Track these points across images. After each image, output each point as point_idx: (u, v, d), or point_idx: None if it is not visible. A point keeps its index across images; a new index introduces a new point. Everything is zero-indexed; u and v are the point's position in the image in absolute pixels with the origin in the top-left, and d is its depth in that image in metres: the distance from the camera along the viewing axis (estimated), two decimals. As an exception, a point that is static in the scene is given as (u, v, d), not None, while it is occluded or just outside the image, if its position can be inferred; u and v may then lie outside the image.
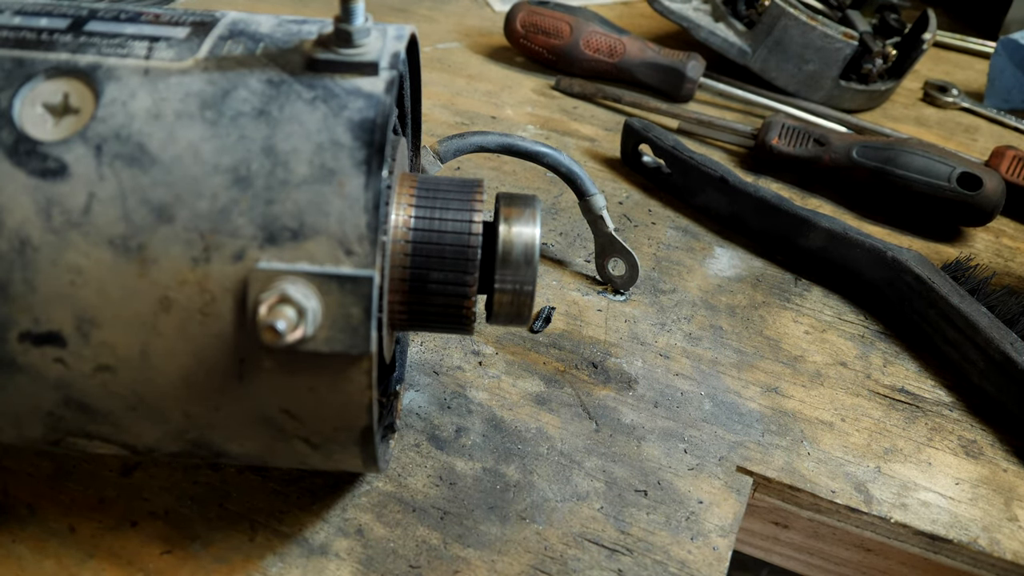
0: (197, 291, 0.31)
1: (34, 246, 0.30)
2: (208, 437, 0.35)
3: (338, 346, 0.31)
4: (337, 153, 0.31)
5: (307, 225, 0.31)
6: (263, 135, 0.31)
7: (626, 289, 0.58)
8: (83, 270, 0.30)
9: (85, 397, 0.33)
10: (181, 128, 0.31)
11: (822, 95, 0.86)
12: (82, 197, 0.30)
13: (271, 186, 0.31)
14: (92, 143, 0.31)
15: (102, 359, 0.32)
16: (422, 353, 0.52)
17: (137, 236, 0.30)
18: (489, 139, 0.54)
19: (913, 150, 0.68)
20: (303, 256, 0.30)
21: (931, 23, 0.87)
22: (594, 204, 0.56)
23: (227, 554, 0.40)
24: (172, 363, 0.32)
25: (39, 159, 0.31)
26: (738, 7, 0.87)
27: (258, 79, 0.32)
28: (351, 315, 0.30)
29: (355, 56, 0.33)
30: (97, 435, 0.35)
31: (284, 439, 0.34)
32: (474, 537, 0.41)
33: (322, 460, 0.36)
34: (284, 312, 0.29)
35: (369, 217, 0.31)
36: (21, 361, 0.32)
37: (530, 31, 0.87)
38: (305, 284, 0.30)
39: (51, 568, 0.39)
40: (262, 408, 0.33)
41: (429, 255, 0.36)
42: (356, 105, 0.32)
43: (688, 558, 0.41)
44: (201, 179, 0.31)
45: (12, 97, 0.31)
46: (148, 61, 0.32)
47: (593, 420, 0.48)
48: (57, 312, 0.31)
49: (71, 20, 0.34)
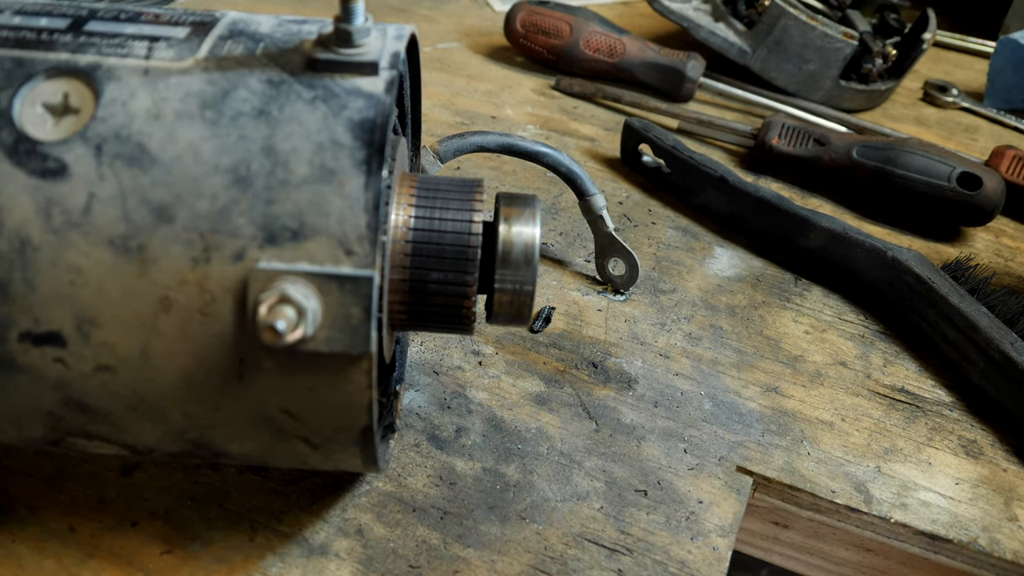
0: (197, 291, 0.31)
1: (34, 246, 0.30)
2: (208, 437, 0.35)
3: (338, 346, 0.31)
4: (337, 153, 0.31)
5: (307, 225, 0.30)
6: (263, 135, 0.31)
7: (626, 289, 0.58)
8: (83, 270, 0.30)
9: (85, 397, 0.33)
10: (181, 128, 0.31)
11: (822, 95, 0.86)
12: (82, 197, 0.30)
13: (271, 186, 0.31)
14: (92, 143, 0.31)
15: (102, 359, 0.32)
16: (422, 353, 0.52)
17: (137, 236, 0.30)
18: (489, 139, 0.54)
19: (913, 150, 0.68)
20: (303, 256, 0.30)
21: (931, 23, 0.87)
22: (594, 204, 0.56)
23: (227, 554, 0.40)
24: (172, 363, 0.32)
25: (39, 159, 0.30)
26: (738, 7, 0.87)
27: (258, 79, 0.32)
28: (351, 315, 0.30)
29: (355, 56, 0.33)
30: (97, 435, 0.35)
31: (284, 439, 0.34)
32: (474, 537, 0.41)
33: (322, 460, 0.36)
34: (284, 312, 0.29)
35: (369, 217, 0.31)
36: (21, 361, 0.32)
37: (530, 31, 0.88)
38: (305, 284, 0.30)
39: (51, 568, 0.39)
40: (262, 408, 0.33)
41: (429, 255, 0.36)
42: (356, 105, 0.32)
43: (688, 558, 0.41)
44: (201, 179, 0.31)
45: (12, 97, 0.31)
46: (148, 61, 0.32)
47: (593, 420, 0.48)
48: (57, 312, 0.31)
49: (71, 20, 0.34)
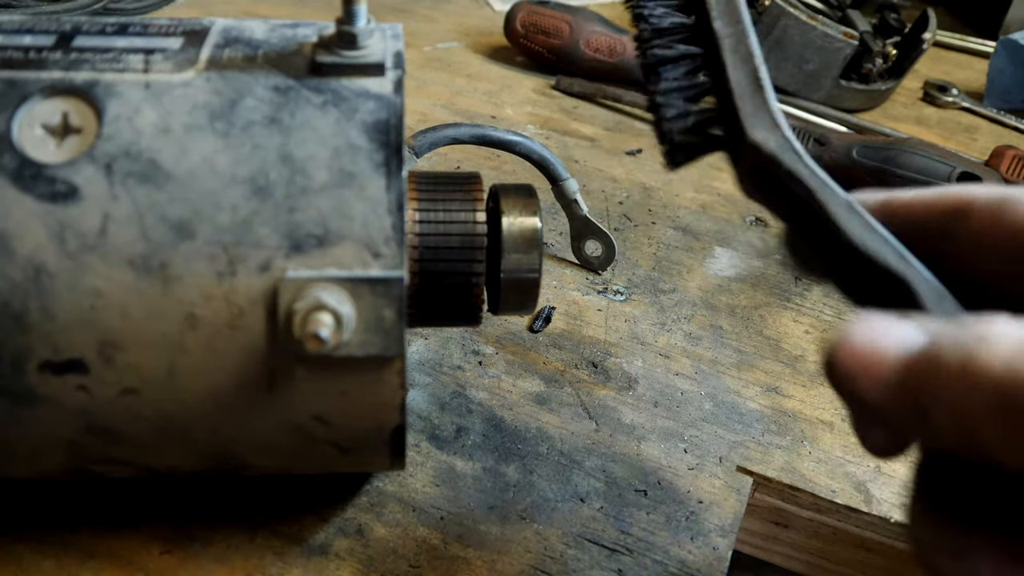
0: (224, 305, 0.30)
1: (50, 273, 0.29)
2: (234, 451, 0.34)
3: (372, 349, 0.31)
4: (355, 156, 0.31)
5: (332, 231, 0.30)
6: (277, 143, 0.31)
7: (604, 269, 0.59)
8: (103, 293, 0.30)
9: (109, 422, 0.32)
10: (192, 141, 0.30)
11: (822, 95, 0.85)
12: (96, 219, 0.30)
13: (291, 194, 0.30)
14: (101, 162, 0.30)
15: (127, 382, 0.31)
16: (422, 353, 0.51)
17: (158, 254, 0.30)
18: (462, 131, 0.55)
19: (913, 150, 0.68)
20: (331, 262, 0.30)
21: (931, 23, 0.87)
22: (567, 189, 0.57)
23: (227, 554, 0.39)
24: (200, 380, 0.31)
25: (46, 183, 0.29)
26: None
27: (264, 86, 0.32)
28: (384, 317, 0.31)
29: (360, 58, 0.32)
30: (119, 460, 0.34)
31: (313, 446, 0.34)
32: (474, 537, 0.41)
33: (350, 463, 0.36)
34: (322, 319, 0.29)
35: (394, 218, 0.31)
36: (41, 392, 0.31)
37: (530, 31, 0.86)
38: (337, 290, 0.30)
39: (51, 568, 0.38)
40: (293, 417, 0.33)
41: (437, 248, 0.36)
42: (367, 107, 0.32)
43: (688, 558, 0.42)
44: (219, 192, 0.30)
45: (9, 120, 0.30)
46: (147, 75, 0.32)
47: (593, 420, 0.48)
48: (78, 338, 0.30)
49: (56, 36, 0.33)
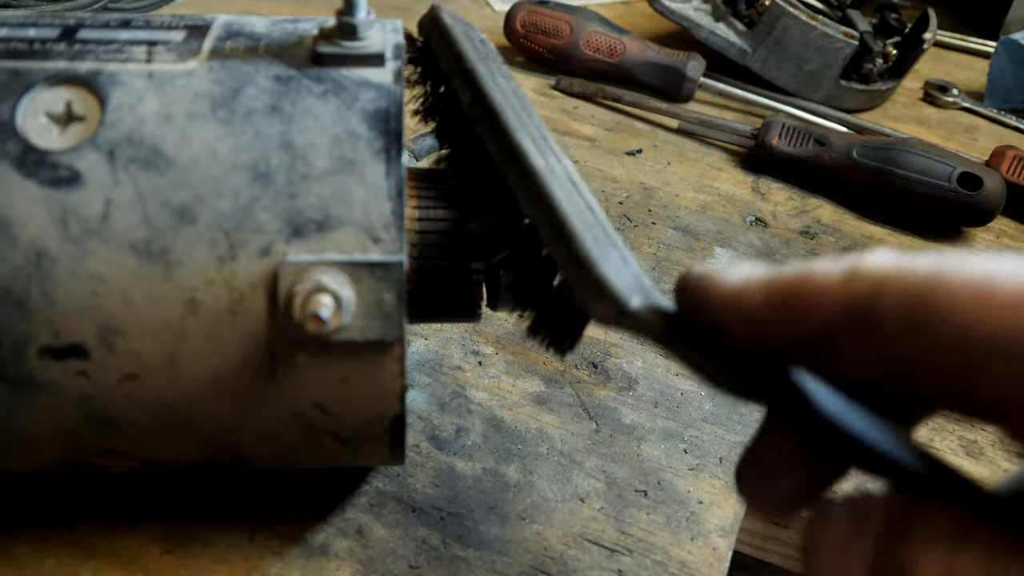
0: (225, 290, 0.30)
1: (51, 257, 0.30)
2: (234, 441, 0.34)
3: (372, 334, 0.31)
4: (355, 144, 0.31)
5: (332, 216, 0.31)
6: (279, 131, 0.31)
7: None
8: (105, 278, 0.30)
9: (109, 410, 0.32)
10: (195, 129, 0.31)
11: (822, 95, 0.85)
12: (99, 204, 0.30)
13: (292, 180, 0.31)
14: (104, 149, 0.30)
15: (127, 368, 0.31)
16: (422, 353, 0.51)
17: (159, 239, 0.30)
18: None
19: (913, 150, 0.68)
20: (331, 246, 0.31)
21: (931, 23, 0.87)
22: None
23: (227, 554, 0.39)
24: (201, 366, 0.31)
25: (50, 168, 0.30)
26: (738, 7, 0.87)
27: (265, 76, 0.32)
28: (383, 301, 0.31)
29: (360, 48, 0.33)
30: (119, 451, 0.34)
31: (312, 435, 0.34)
32: (474, 537, 0.41)
33: (348, 455, 0.36)
34: (323, 300, 0.29)
35: (393, 204, 0.31)
36: (41, 378, 0.31)
37: (530, 31, 0.87)
38: (337, 273, 0.30)
39: (51, 568, 0.37)
40: (293, 404, 0.33)
41: (436, 243, 0.37)
42: (367, 96, 0.32)
43: (688, 558, 0.41)
44: (221, 178, 0.30)
45: (13, 108, 0.30)
46: (150, 65, 0.32)
47: (593, 420, 0.48)
48: (79, 323, 0.30)
49: (61, 29, 0.33)
